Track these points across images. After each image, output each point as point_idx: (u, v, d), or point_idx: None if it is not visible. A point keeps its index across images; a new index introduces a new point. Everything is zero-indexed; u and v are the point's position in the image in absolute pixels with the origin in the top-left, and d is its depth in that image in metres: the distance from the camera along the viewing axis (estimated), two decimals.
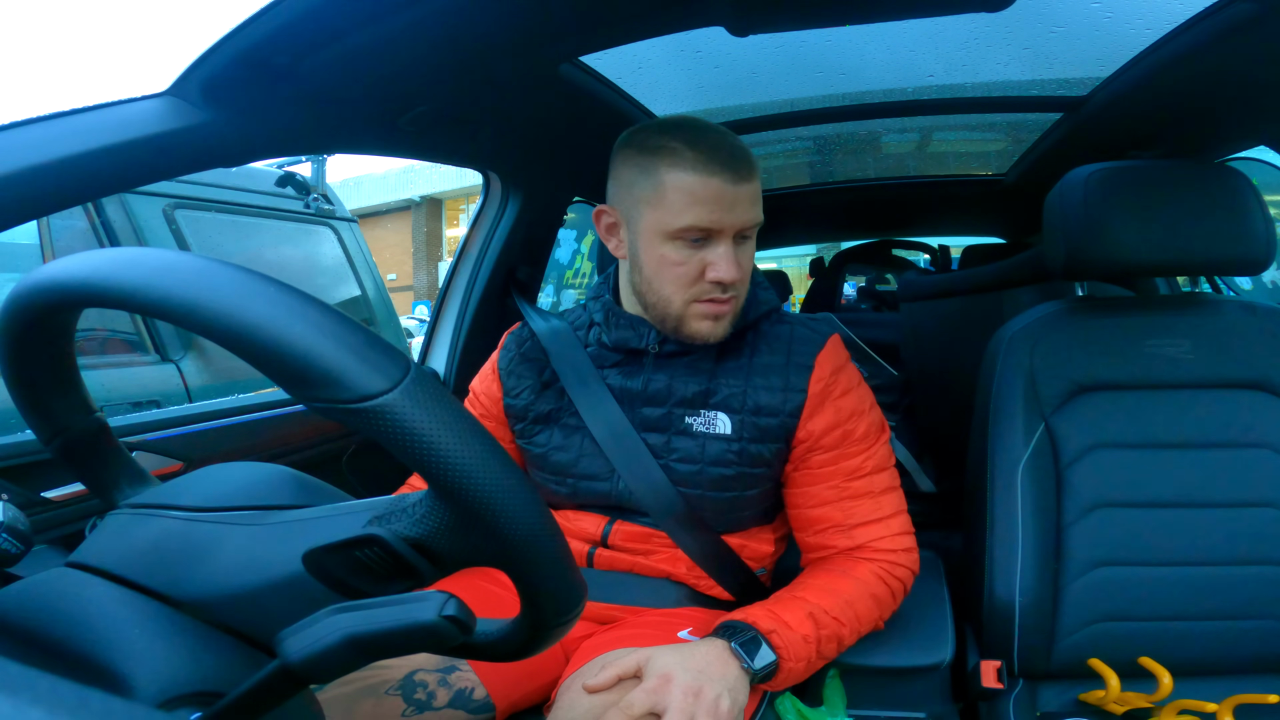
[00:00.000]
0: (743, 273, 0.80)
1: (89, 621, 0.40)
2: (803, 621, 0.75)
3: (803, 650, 0.74)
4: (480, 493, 0.36)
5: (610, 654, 0.74)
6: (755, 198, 0.79)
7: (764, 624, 0.74)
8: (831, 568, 0.83)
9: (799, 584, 0.82)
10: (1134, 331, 0.99)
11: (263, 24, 0.63)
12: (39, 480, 0.80)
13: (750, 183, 0.78)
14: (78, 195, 0.67)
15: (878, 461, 0.86)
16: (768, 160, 1.91)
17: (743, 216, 0.78)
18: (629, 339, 0.88)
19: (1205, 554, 0.94)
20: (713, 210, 0.76)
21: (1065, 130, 1.41)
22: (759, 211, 0.80)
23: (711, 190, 0.75)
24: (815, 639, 0.75)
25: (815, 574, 0.83)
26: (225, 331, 0.35)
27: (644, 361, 0.88)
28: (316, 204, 2.61)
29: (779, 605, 0.77)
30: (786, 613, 0.75)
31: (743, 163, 0.77)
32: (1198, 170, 0.95)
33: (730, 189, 0.76)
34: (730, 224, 0.77)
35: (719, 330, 0.83)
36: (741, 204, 0.77)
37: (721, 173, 0.76)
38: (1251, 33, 0.81)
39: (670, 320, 0.83)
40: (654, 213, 0.78)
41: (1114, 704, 0.87)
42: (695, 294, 0.80)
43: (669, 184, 0.77)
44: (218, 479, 0.48)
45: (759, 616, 0.75)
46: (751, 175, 0.78)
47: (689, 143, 0.77)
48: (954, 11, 0.82)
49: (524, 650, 0.46)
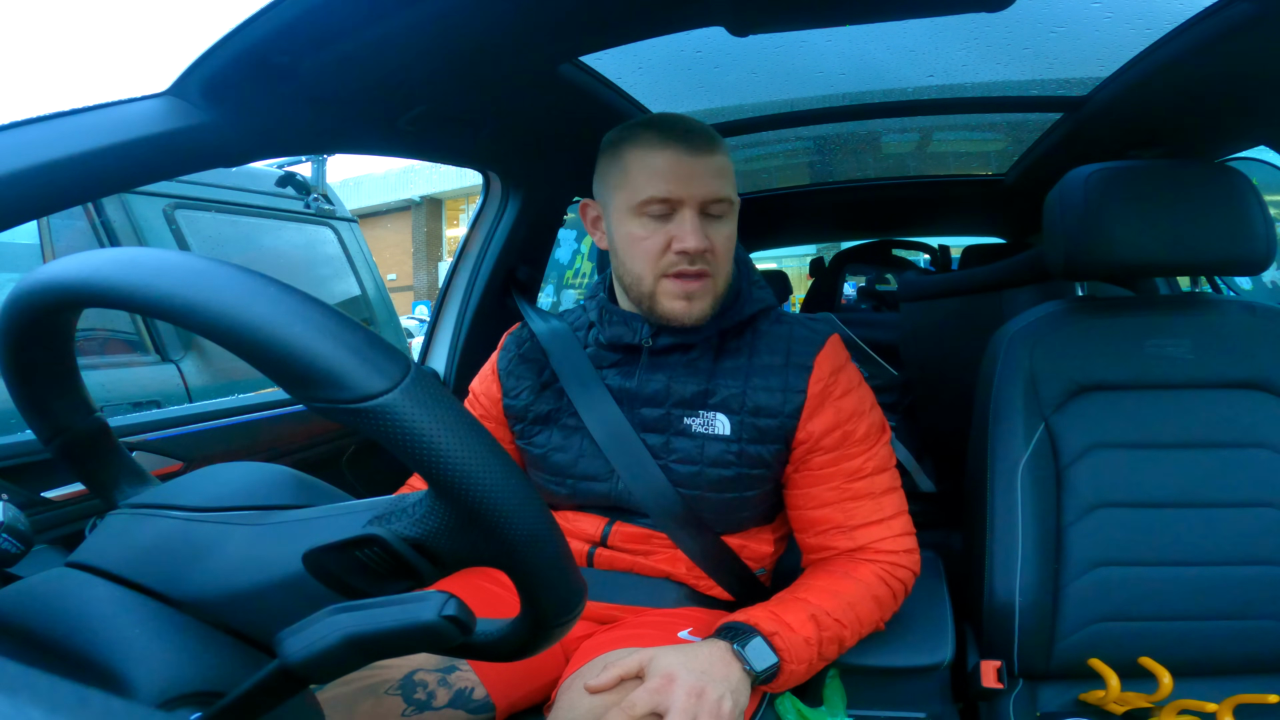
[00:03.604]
0: (712, 246, 0.81)
1: (89, 621, 0.40)
2: (805, 623, 0.75)
3: (804, 652, 0.74)
4: (480, 493, 0.36)
5: (612, 654, 0.74)
6: (718, 172, 0.80)
7: (766, 625, 0.74)
8: (833, 569, 0.83)
9: (801, 585, 0.82)
10: (1134, 331, 0.99)
11: (263, 24, 0.63)
12: (39, 480, 0.80)
13: (709, 156, 0.80)
14: (78, 195, 0.67)
15: (878, 463, 0.86)
16: (768, 160, 1.91)
17: (703, 188, 0.79)
18: (623, 334, 0.88)
19: (1205, 554, 0.94)
20: (669, 181, 0.78)
21: (1065, 130, 1.41)
22: (724, 187, 0.81)
23: (668, 161, 0.78)
24: (817, 640, 0.75)
25: (817, 575, 0.83)
26: (225, 332, 0.35)
27: (639, 358, 0.89)
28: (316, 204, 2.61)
29: (781, 607, 0.77)
30: (789, 614, 0.75)
31: (699, 136, 0.80)
32: (1198, 170, 0.95)
33: (687, 159, 0.78)
34: (690, 195, 0.79)
35: (694, 311, 0.82)
36: (700, 176, 0.79)
37: (677, 144, 0.79)
38: (1251, 33, 0.82)
39: (645, 301, 0.84)
40: (621, 194, 0.82)
41: (1114, 704, 0.87)
42: (663, 268, 0.81)
43: (631, 162, 0.81)
44: (218, 479, 0.48)
45: (761, 618, 0.75)
46: (711, 149, 0.80)
47: (649, 124, 0.82)
48: (954, 11, 0.82)
49: (524, 650, 0.46)
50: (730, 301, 0.87)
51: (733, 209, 0.84)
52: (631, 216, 0.81)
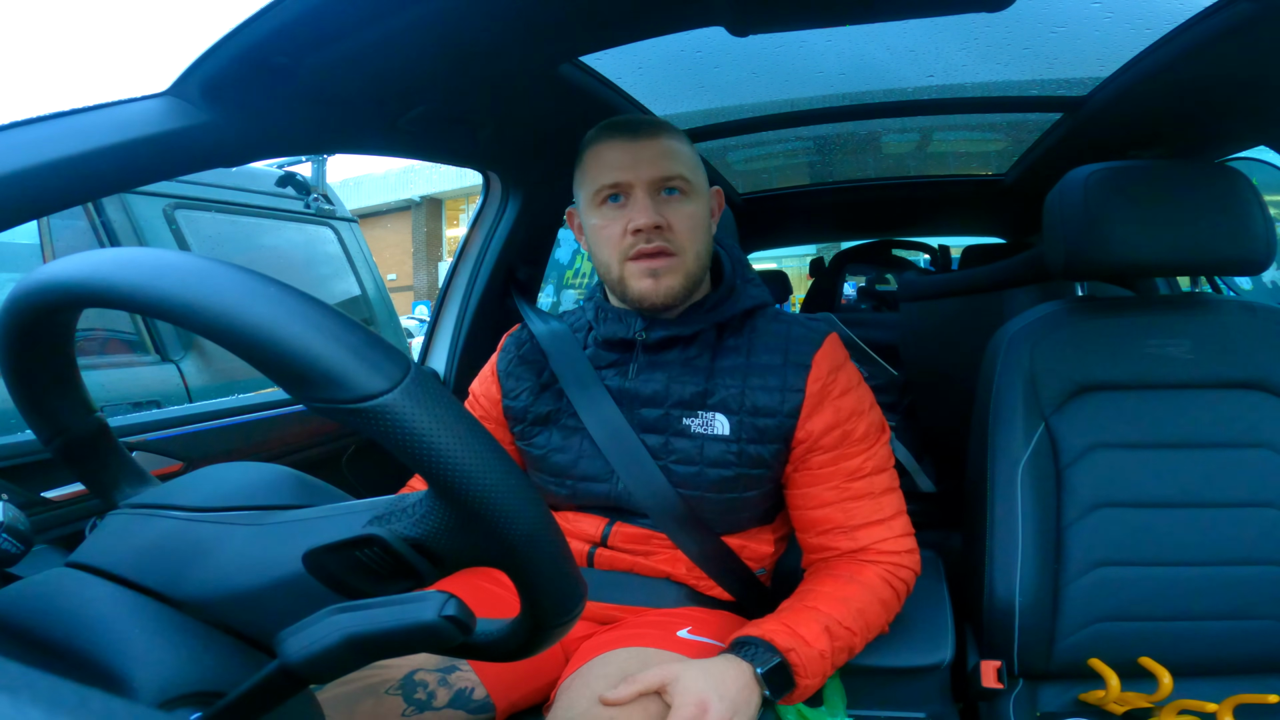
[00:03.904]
0: (669, 223, 0.83)
1: (89, 621, 0.40)
2: (819, 636, 0.75)
3: (818, 666, 0.75)
4: (480, 493, 0.36)
5: (617, 653, 0.75)
6: (664, 154, 0.83)
7: (782, 641, 0.73)
8: (838, 572, 0.83)
9: (809, 592, 0.81)
10: (1134, 331, 0.99)
11: (263, 24, 0.63)
12: (39, 480, 0.80)
13: (653, 140, 0.84)
14: (78, 195, 0.67)
15: (878, 462, 0.86)
16: (768, 160, 1.91)
17: (650, 169, 0.83)
18: (617, 330, 0.89)
19: (1205, 554, 0.93)
20: (616, 168, 0.83)
21: (1065, 130, 1.41)
22: (674, 166, 0.83)
23: (613, 151, 0.84)
24: (830, 652, 0.76)
25: (823, 580, 0.82)
26: (225, 332, 0.35)
27: (636, 354, 0.89)
28: (316, 204, 2.61)
29: (795, 618, 0.76)
30: (803, 627, 0.75)
31: (643, 124, 0.85)
32: (1198, 170, 0.95)
33: (630, 145, 0.83)
34: (637, 177, 0.82)
35: (661, 288, 0.83)
36: (646, 159, 0.83)
37: (620, 135, 0.84)
38: (1251, 33, 0.82)
39: (618, 288, 0.87)
40: (583, 191, 0.88)
41: (1114, 704, 0.87)
42: (624, 251, 0.84)
43: (587, 161, 0.87)
44: (218, 479, 0.48)
45: (777, 633, 0.74)
46: (654, 134, 0.84)
47: (600, 126, 0.88)
48: (954, 11, 0.82)
49: (524, 650, 0.46)
50: (725, 295, 0.88)
51: (692, 188, 0.85)
52: (594, 209, 0.86)
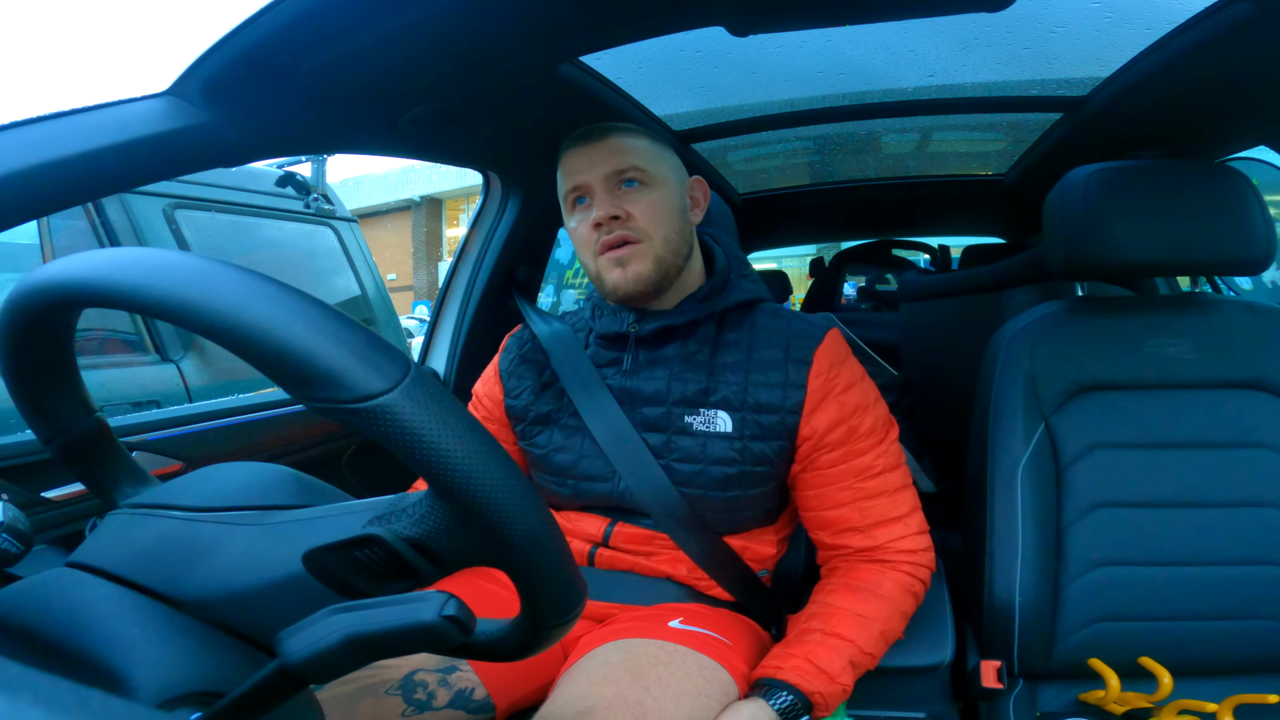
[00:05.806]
0: (628, 213, 0.85)
1: (89, 621, 0.40)
2: (843, 671, 0.75)
3: (838, 699, 0.75)
4: (480, 493, 0.36)
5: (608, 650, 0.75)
6: (616, 150, 0.87)
7: (808, 684, 0.73)
8: (858, 584, 0.81)
9: (832, 613, 0.79)
10: (1134, 331, 0.99)
11: (263, 24, 0.63)
12: (39, 480, 0.80)
13: (603, 140, 0.87)
14: (78, 195, 0.67)
15: (889, 460, 0.85)
16: (768, 160, 1.91)
17: (604, 166, 0.86)
18: (612, 325, 0.91)
19: (1205, 554, 0.93)
20: (575, 172, 0.88)
21: (1065, 130, 1.41)
22: (627, 159, 0.86)
23: (574, 157, 0.88)
24: (852, 684, 0.76)
25: (844, 594, 0.81)
26: (225, 332, 0.35)
27: (629, 346, 0.90)
28: (316, 204, 2.61)
29: (819, 653, 0.75)
30: (828, 662, 0.75)
31: (593, 130, 0.89)
32: (1198, 170, 0.95)
33: (585, 149, 0.87)
34: (593, 176, 0.86)
35: (629, 275, 0.85)
36: (599, 157, 0.86)
37: (577, 142, 0.89)
38: (1251, 33, 0.82)
39: (598, 284, 0.90)
40: (562, 202, 0.92)
41: (1114, 704, 0.87)
42: (594, 247, 0.87)
43: (559, 171, 0.91)
44: (218, 479, 0.48)
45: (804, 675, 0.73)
46: (604, 135, 0.88)
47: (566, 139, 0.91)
48: (954, 11, 0.82)
49: (524, 650, 0.46)
50: (719, 285, 0.90)
51: (651, 178, 0.87)
52: (569, 215, 0.90)
